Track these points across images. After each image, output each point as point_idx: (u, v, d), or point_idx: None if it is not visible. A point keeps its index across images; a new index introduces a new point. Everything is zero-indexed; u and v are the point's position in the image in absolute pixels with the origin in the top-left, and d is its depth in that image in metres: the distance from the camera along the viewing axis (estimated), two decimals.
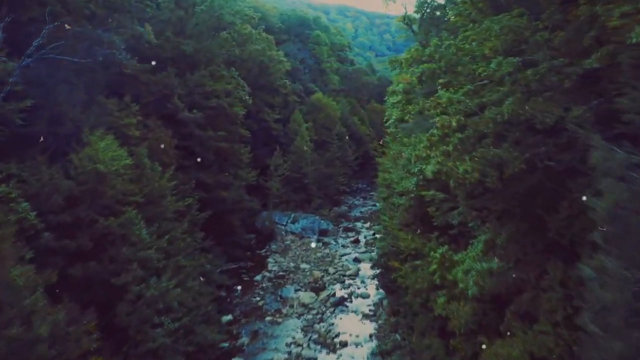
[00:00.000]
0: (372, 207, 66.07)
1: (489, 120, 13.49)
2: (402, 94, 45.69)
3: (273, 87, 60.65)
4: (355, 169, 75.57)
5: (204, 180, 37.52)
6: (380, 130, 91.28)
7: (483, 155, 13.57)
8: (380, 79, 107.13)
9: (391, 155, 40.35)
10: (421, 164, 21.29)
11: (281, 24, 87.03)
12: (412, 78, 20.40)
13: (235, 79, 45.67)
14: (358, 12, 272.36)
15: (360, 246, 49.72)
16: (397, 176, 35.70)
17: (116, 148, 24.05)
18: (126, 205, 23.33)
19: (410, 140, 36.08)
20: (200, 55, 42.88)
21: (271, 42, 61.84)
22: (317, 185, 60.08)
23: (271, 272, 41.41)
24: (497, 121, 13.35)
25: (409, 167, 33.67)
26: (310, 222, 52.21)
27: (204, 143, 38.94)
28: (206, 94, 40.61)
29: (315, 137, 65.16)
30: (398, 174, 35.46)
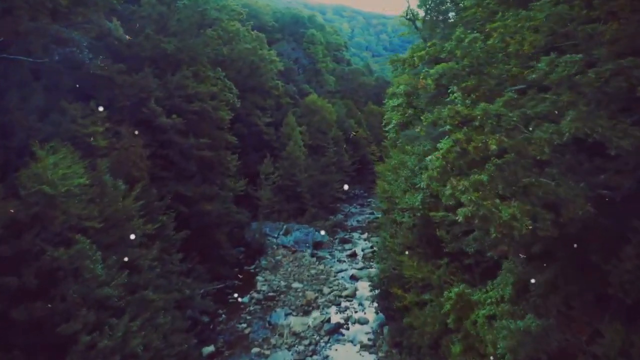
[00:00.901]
0: (370, 216, 62.46)
1: (543, 141, 9.75)
2: (403, 97, 42.05)
3: (264, 89, 56.95)
4: (352, 174, 71.81)
5: (184, 193, 33.74)
6: (378, 133, 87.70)
7: (534, 192, 9.85)
8: (377, 79, 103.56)
9: (392, 164, 36.67)
10: (435, 185, 17.57)
11: (274, 22, 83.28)
12: (427, 80, 16.56)
13: (221, 80, 41.97)
14: (354, 12, 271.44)
15: (357, 261, 46.08)
16: (399, 188, 32.07)
17: (71, 163, 20.29)
18: (80, 233, 19.55)
19: (414, 149, 32.51)
20: (183, 55, 39.14)
21: (262, 41, 58.13)
22: (311, 193, 56.37)
23: (260, 292, 37.68)
24: (553, 143, 9.63)
25: (413, 180, 30.07)
26: (304, 234, 48.49)
27: (184, 151, 35.17)
28: (188, 97, 36.86)
29: (310, 141, 61.46)
30: (400, 186, 31.82)
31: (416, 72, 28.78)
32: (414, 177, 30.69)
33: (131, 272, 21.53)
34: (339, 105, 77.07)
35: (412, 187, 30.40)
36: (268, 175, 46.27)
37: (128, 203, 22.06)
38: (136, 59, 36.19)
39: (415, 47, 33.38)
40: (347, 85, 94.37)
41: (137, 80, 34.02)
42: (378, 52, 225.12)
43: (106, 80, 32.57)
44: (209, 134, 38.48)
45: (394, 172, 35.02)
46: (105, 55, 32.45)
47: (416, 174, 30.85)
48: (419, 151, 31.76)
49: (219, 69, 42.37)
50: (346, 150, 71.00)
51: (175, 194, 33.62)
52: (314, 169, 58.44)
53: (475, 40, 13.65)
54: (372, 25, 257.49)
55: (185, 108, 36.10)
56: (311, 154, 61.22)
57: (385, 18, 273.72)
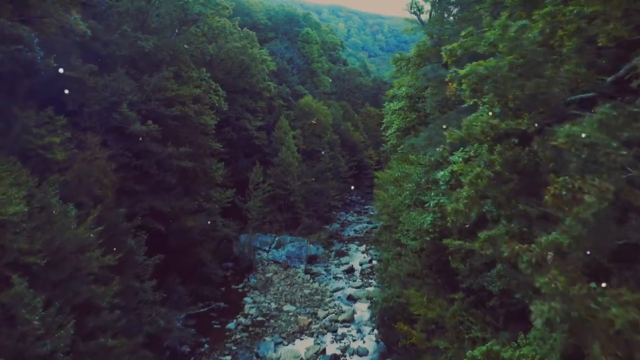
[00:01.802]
0: (368, 225, 58.93)
1: None
2: (405, 99, 38.56)
3: (255, 90, 53.27)
4: (349, 181, 68.22)
5: (161, 209, 30.03)
6: (375, 136, 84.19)
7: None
8: (375, 80, 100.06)
9: (394, 175, 33.08)
10: (459, 216, 14.07)
11: (267, 21, 79.72)
12: (460, 85, 12.89)
13: (206, 81, 38.31)
14: (350, 12, 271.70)
15: (354, 277, 42.48)
16: (403, 203, 28.50)
17: (9, 185, 16.63)
18: (21, 271, 15.90)
19: (420, 159, 28.95)
20: (163, 54, 35.53)
21: (253, 39, 54.46)
22: (305, 202, 52.69)
23: (248, 316, 34.01)
24: None
25: (421, 197, 26.51)
26: (297, 248, 44.84)
27: (162, 162, 31.49)
28: (168, 100, 33.22)
29: (304, 146, 57.81)
30: (404, 201, 28.23)
31: (426, 72, 25.04)
32: (420, 192, 27.14)
33: (85, 314, 17.90)
34: (335, 107, 73.48)
35: (418, 204, 26.85)
36: (258, 185, 42.57)
37: (82, 231, 18.34)
38: (112, 59, 32.69)
39: (421, 45, 29.80)
40: (344, 86, 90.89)
41: (108, 83, 30.43)
42: (374, 53, 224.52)
43: (75, 83, 29.11)
44: (191, 141, 34.87)
45: (396, 184, 31.44)
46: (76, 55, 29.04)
47: (423, 189, 27.32)
48: (425, 161, 28.25)
49: (204, 69, 38.65)
50: (342, 155, 67.36)
51: (151, 210, 29.99)
52: (308, 176, 54.77)
53: (524, 29, 10.07)
54: (368, 25, 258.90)
55: (163, 113, 32.44)
56: (305, 159, 57.61)
57: (381, 18, 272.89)
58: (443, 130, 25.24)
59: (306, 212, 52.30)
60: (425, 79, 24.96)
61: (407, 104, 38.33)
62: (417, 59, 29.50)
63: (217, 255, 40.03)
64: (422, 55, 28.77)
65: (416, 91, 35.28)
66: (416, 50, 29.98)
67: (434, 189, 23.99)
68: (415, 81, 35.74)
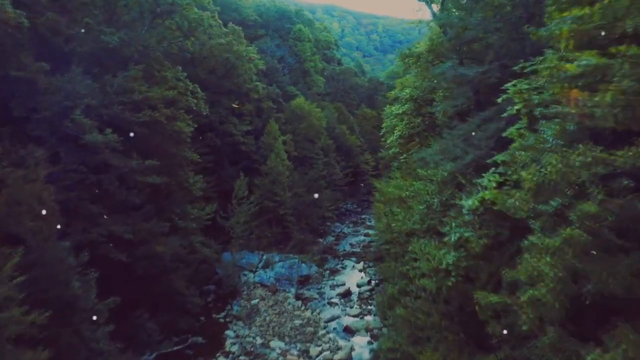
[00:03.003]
0: (365, 238, 54.26)
1: None
2: (410, 102, 33.96)
3: (242, 92, 48.47)
4: (344, 189, 63.59)
5: (122, 235, 25.17)
6: (372, 139, 79.59)
7: None
8: (370, 80, 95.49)
9: (399, 192, 28.43)
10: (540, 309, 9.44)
11: (257, 17, 74.86)
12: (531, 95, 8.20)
13: (183, 81, 33.45)
14: (345, 11, 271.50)
15: (352, 302, 37.81)
16: (412, 228, 23.86)
17: None
18: None
19: (431, 174, 24.32)
20: (131, 50, 30.79)
21: (239, 35, 49.66)
22: (296, 215, 47.90)
23: (229, 356, 29.24)
24: None
25: (434, 223, 21.85)
26: (287, 268, 40.13)
27: (125, 177, 26.65)
28: (135, 104, 28.46)
29: (296, 152, 53.04)
30: (413, 225, 23.56)
31: (444, 70, 20.33)
32: (433, 215, 22.49)
33: None
34: (329, 109, 68.79)
35: (432, 231, 22.20)
36: (242, 199, 37.68)
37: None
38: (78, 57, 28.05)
39: (435, 38, 25.11)
40: (338, 87, 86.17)
41: (62, 84, 25.68)
42: (369, 53, 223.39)
43: (25, 85, 24.56)
44: (163, 150, 30.07)
45: (402, 203, 26.77)
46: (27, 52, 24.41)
47: (436, 212, 22.68)
48: (437, 177, 23.63)
49: (180, 67, 33.83)
50: (337, 161, 62.64)
51: (111, 235, 25.15)
52: (300, 186, 50.01)
53: None
54: (362, 25, 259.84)
55: (129, 119, 27.63)
56: (297, 167, 52.84)
57: (376, 18, 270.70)
58: (465, 141, 20.71)
59: (297, 226, 47.57)
60: (443, 79, 20.25)
61: (411, 107, 33.74)
62: (429, 55, 24.88)
63: (197, 278, 35.27)
64: (435, 50, 24.16)
65: (423, 93, 30.66)
66: (428, 44, 25.33)
67: (453, 217, 19.36)
68: (422, 82, 31.18)
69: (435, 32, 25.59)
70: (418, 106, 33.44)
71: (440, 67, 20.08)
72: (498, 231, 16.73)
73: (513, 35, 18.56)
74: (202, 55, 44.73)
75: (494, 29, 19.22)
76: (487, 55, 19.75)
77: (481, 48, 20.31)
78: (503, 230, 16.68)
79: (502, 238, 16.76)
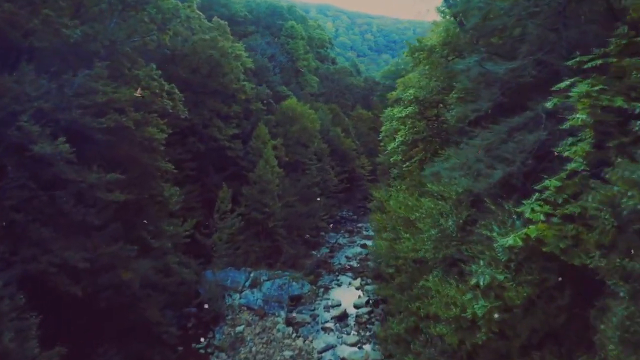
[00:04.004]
0: (362, 250, 50.40)
1: None
2: (414, 105, 30.13)
3: (228, 92, 44.46)
4: (339, 196, 59.71)
5: (75, 264, 21.16)
6: (368, 142, 75.82)
7: None
8: (366, 80, 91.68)
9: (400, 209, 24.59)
10: None
11: (247, 13, 70.82)
12: None
13: (157, 80, 29.45)
14: (339, 11, 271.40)
15: (348, 326, 34.01)
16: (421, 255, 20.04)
17: None
18: None
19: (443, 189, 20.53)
20: (96, 45, 26.73)
21: (225, 30, 45.70)
22: (287, 226, 43.87)
23: None
24: None
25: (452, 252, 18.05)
26: (277, 288, 36.24)
27: (84, 193, 22.65)
28: (98, 108, 24.46)
29: (287, 157, 49.10)
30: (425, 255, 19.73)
31: (469, 65, 16.43)
32: (448, 243, 18.69)
33: None
34: (323, 110, 64.84)
35: (449, 263, 18.40)
36: (225, 213, 33.60)
37: None
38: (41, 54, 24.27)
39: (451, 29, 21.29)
40: (333, 87, 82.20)
41: (10, 84, 21.78)
42: (363, 53, 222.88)
43: None
44: (132, 161, 26.13)
45: (407, 224, 22.92)
46: None
47: (452, 238, 18.87)
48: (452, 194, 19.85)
49: (154, 65, 29.84)
50: (332, 166, 58.73)
51: (64, 264, 21.16)
52: (291, 194, 46.06)
53: None
54: (356, 25, 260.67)
55: (90, 125, 23.63)
56: (289, 173, 48.90)
57: (370, 18, 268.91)
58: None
59: (289, 239, 43.64)
60: (466, 77, 16.37)
61: (415, 110, 29.93)
62: (444, 48, 21.05)
63: (176, 300, 31.42)
64: (450, 43, 20.33)
65: (430, 94, 26.82)
66: (443, 36, 21.46)
67: (479, 250, 15.54)
68: (428, 81, 27.36)
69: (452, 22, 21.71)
70: (423, 108, 29.63)
71: (463, 63, 16.16)
72: (544, 276, 12.96)
73: (554, 23, 14.77)
74: (183, 52, 40.74)
75: (528, 15, 15.40)
76: (519, 49, 15.93)
77: (510, 40, 16.52)
78: (550, 275, 12.91)
79: (549, 284, 13.00)
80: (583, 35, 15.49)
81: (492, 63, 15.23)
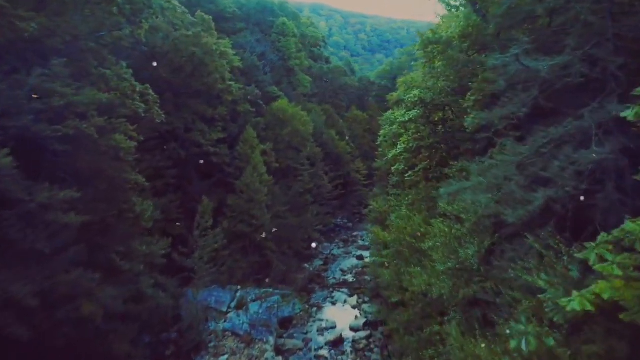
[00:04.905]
0: (358, 262, 47.13)
1: None
2: (419, 107, 26.82)
3: (213, 93, 41.00)
4: (333, 203, 56.33)
5: (23, 300, 17.67)
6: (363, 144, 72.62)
7: None
8: (361, 80, 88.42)
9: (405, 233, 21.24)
10: None
11: (237, 9, 67.31)
12: None
13: (127, 80, 26.01)
14: (332, 10, 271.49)
15: (344, 353, 30.65)
16: (436, 293, 16.70)
17: None
18: None
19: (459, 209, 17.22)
20: (55, 41, 23.24)
21: (209, 25, 42.23)
22: (277, 239, 40.42)
23: None
24: None
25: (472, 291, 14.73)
26: (265, 309, 32.84)
27: (33, 215, 19.13)
28: (55, 112, 20.99)
29: (277, 163, 45.69)
30: (439, 291, 16.40)
31: (506, 62, 13.03)
32: (470, 279, 15.39)
33: None
34: (316, 112, 61.44)
35: (470, 303, 15.12)
36: (206, 230, 30.06)
37: None
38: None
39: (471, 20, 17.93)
40: (326, 87, 78.83)
41: None
42: (357, 52, 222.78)
43: None
44: (95, 174, 22.65)
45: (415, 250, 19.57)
46: None
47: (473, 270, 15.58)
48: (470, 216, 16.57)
49: (124, 63, 26.38)
50: (325, 171, 55.34)
51: (9, 299, 17.68)
52: (281, 203, 42.62)
53: None
54: (350, 25, 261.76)
55: (44, 132, 20.17)
56: (279, 180, 45.50)
57: (364, 17, 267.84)
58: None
59: (279, 253, 40.24)
60: (502, 76, 12.97)
61: (420, 113, 26.64)
62: (463, 41, 17.74)
63: (153, 323, 28.06)
64: (470, 35, 17.02)
65: (439, 96, 23.50)
66: (463, 25, 18.10)
67: (516, 298, 12.24)
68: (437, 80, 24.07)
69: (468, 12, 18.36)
70: (429, 112, 26.37)
71: (500, 58, 12.72)
72: (610, 343, 9.69)
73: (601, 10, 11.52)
74: (163, 49, 37.27)
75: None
76: (562, 41, 12.65)
77: (547, 30, 13.22)
78: (619, 343, 9.64)
79: (618, 354, 9.72)
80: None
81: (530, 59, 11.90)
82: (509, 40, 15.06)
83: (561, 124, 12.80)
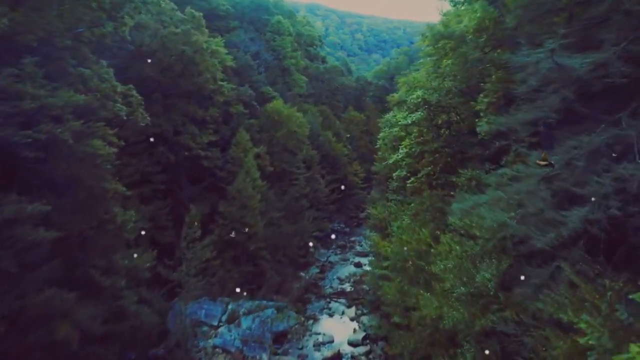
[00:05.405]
0: (356, 270, 45.32)
1: None
2: (423, 110, 25.06)
3: (204, 94, 39.12)
4: (330, 208, 54.49)
5: None
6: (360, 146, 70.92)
7: None
8: (358, 80, 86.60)
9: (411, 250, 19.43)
10: None
11: (230, 7, 65.33)
12: None
13: (108, 80, 24.12)
14: (328, 10, 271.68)
15: None
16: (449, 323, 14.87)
17: None
18: None
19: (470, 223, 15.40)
20: (28, 37, 21.35)
21: (199, 22, 40.33)
22: (271, 247, 38.56)
23: None
24: None
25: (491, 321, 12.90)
26: (259, 324, 30.99)
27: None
28: (26, 117, 19.12)
29: (272, 167, 43.83)
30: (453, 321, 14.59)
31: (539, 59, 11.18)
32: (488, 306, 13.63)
33: None
34: (312, 113, 59.57)
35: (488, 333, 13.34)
36: (193, 242, 28.16)
37: None
38: None
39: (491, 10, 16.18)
40: (323, 87, 76.94)
41: None
42: (353, 52, 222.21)
43: None
44: (72, 183, 20.75)
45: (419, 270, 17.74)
46: None
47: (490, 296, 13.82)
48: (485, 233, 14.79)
49: (104, 62, 24.51)
50: (322, 174, 53.49)
51: None
52: (276, 209, 40.78)
53: None
54: (346, 24, 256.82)
55: (13, 138, 18.28)
56: (273, 184, 43.66)
57: (360, 17, 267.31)
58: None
59: (273, 261, 38.39)
60: (533, 74, 11.15)
61: (423, 116, 24.88)
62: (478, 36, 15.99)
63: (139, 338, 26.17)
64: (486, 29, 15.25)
65: (445, 97, 21.71)
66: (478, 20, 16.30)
67: (546, 336, 10.46)
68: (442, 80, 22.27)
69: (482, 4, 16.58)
70: (433, 114, 24.60)
71: (533, 55, 10.89)
72: None
73: None
74: (151, 48, 35.38)
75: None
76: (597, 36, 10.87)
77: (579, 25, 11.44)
78: None
79: None
80: None
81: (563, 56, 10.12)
82: (531, 35, 13.29)
83: (593, 131, 11.04)
